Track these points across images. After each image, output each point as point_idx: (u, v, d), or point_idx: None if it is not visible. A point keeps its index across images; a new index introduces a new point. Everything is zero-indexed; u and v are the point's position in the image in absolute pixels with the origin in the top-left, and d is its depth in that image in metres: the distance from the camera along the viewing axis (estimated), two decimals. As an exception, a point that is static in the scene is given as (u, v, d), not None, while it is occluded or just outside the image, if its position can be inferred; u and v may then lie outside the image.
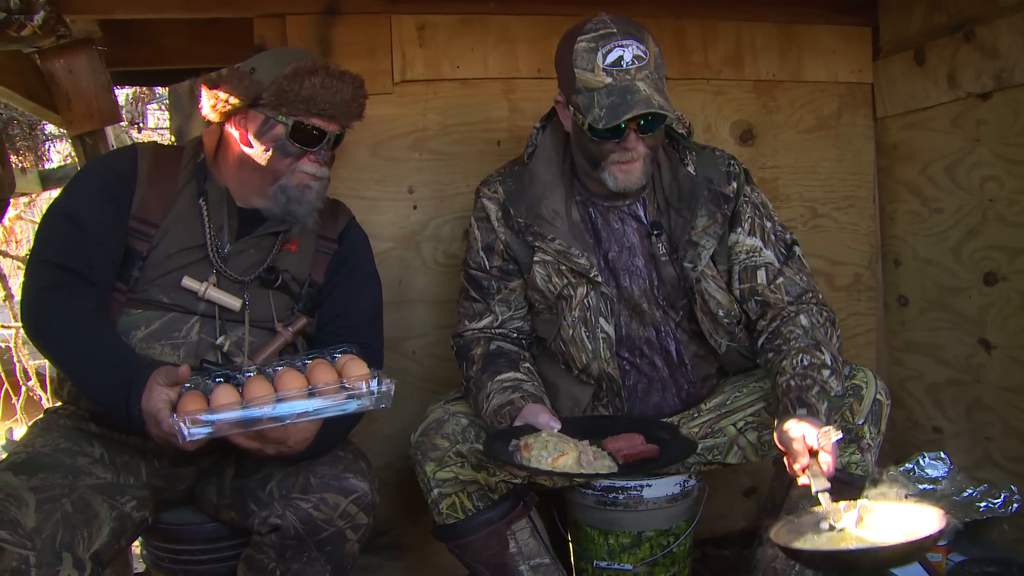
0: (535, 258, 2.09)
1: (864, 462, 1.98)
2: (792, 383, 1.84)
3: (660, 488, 2.17)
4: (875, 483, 1.82)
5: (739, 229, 2.10)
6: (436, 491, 2.02)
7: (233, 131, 1.95)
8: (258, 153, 1.92)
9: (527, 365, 2.09)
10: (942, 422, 2.88)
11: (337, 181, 2.59)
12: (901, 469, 2.80)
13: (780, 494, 2.05)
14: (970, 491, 2.63)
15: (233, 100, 1.89)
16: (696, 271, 2.05)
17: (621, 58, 1.87)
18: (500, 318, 2.16)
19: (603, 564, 2.23)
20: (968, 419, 2.76)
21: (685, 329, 2.16)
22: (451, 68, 2.70)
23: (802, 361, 1.88)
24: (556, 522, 2.36)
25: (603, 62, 1.87)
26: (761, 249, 2.10)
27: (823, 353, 1.90)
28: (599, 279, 2.05)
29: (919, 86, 2.83)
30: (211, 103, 1.93)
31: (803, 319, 2.00)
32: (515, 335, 2.16)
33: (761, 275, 2.08)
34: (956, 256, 2.77)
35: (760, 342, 2.05)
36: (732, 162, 2.15)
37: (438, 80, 2.71)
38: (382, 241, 2.67)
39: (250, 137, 1.92)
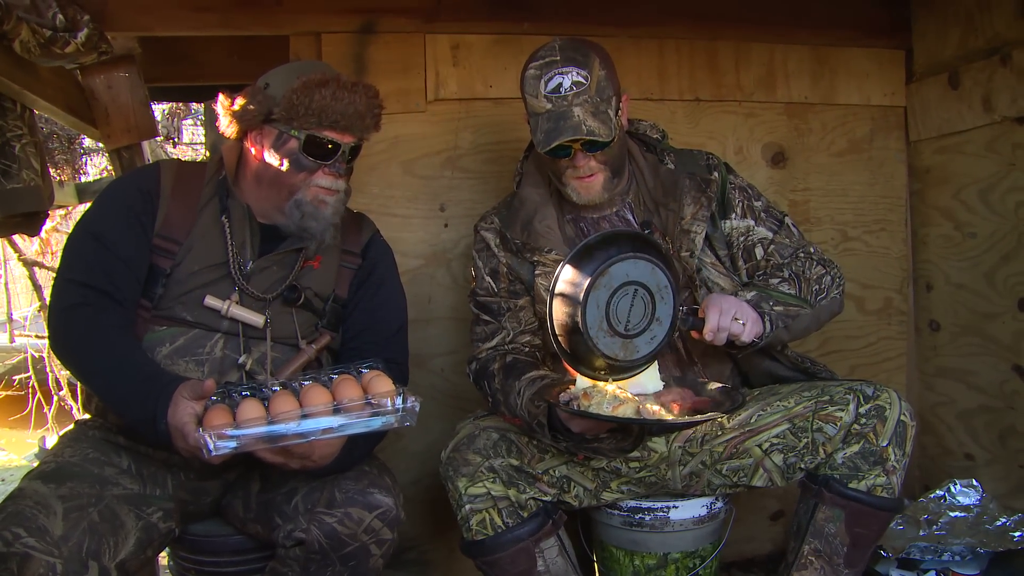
0: (536, 272, 2.15)
1: (890, 485, 1.96)
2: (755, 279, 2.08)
3: (687, 509, 2.16)
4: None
5: (732, 215, 2.18)
6: (467, 507, 2.02)
7: (250, 147, 1.95)
8: (274, 168, 1.91)
9: (547, 368, 2.11)
10: (974, 449, 2.84)
11: (369, 198, 2.62)
12: (932, 496, 2.77)
13: (805, 518, 2.04)
14: (1003, 520, 2.59)
15: (247, 115, 1.90)
16: (694, 258, 2.11)
17: (560, 85, 1.97)
18: (512, 333, 2.18)
19: (628, 585, 2.22)
20: (1002, 446, 2.73)
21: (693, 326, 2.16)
22: (484, 87, 2.73)
23: (768, 270, 2.11)
24: (582, 542, 2.35)
25: (544, 89, 1.98)
26: (754, 227, 2.18)
27: (783, 270, 2.09)
28: None
29: (953, 110, 2.82)
30: (227, 119, 1.94)
31: (784, 260, 2.15)
32: (527, 349, 2.18)
33: (758, 251, 2.17)
34: (990, 281, 2.75)
35: None
36: (711, 156, 2.23)
37: (471, 99, 2.73)
38: (413, 258, 2.69)
39: (266, 152, 1.92)
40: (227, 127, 1.95)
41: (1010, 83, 2.57)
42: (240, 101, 1.90)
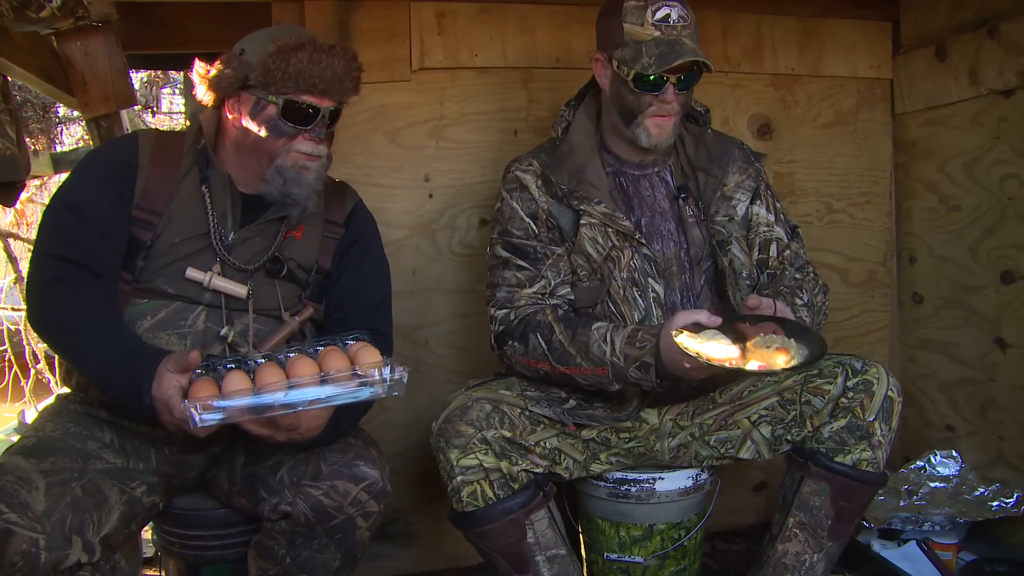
0: (582, 221, 2.13)
1: (875, 460, 1.97)
2: (781, 289, 2.07)
3: (673, 481, 2.17)
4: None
5: (759, 202, 2.23)
6: (459, 478, 2.01)
7: (228, 115, 1.91)
8: (253, 135, 1.87)
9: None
10: (955, 421, 2.87)
11: (353, 168, 2.59)
12: (912, 466, 2.79)
13: (791, 491, 2.05)
14: (982, 490, 2.62)
15: (224, 82, 1.85)
16: (732, 223, 2.17)
17: (668, 15, 2.02)
18: (552, 283, 2.13)
19: (614, 556, 2.22)
20: (982, 418, 2.75)
21: (707, 297, 2.20)
22: (470, 56, 2.69)
23: (789, 283, 2.11)
24: (568, 513, 2.35)
25: (652, 18, 2.02)
26: (774, 224, 2.23)
27: (803, 293, 2.09)
28: (643, 240, 2.11)
29: (940, 82, 2.81)
30: (204, 87, 1.89)
31: (797, 274, 2.19)
32: (566, 306, 2.15)
33: (773, 248, 2.21)
34: (973, 254, 2.76)
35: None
36: (744, 144, 2.32)
37: (456, 68, 2.69)
38: (397, 229, 2.66)
39: (244, 119, 1.87)
40: (204, 95, 1.91)
41: (997, 56, 2.57)
42: (216, 68, 1.87)
